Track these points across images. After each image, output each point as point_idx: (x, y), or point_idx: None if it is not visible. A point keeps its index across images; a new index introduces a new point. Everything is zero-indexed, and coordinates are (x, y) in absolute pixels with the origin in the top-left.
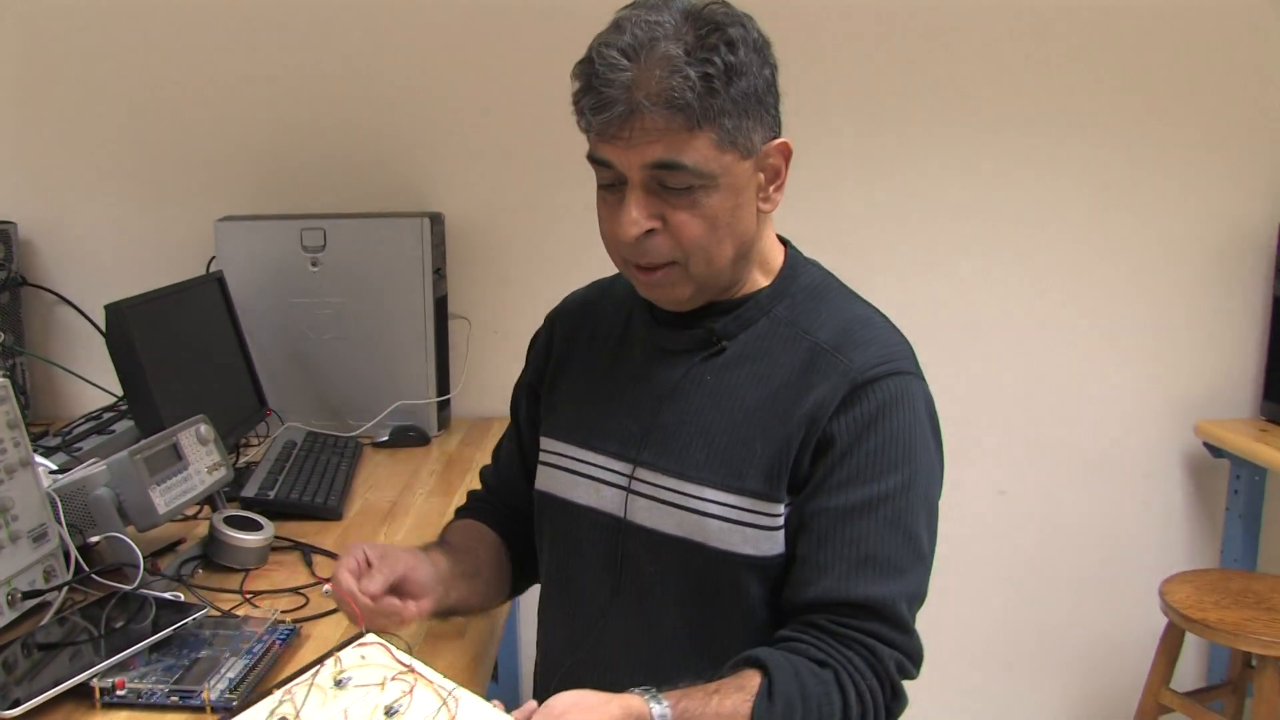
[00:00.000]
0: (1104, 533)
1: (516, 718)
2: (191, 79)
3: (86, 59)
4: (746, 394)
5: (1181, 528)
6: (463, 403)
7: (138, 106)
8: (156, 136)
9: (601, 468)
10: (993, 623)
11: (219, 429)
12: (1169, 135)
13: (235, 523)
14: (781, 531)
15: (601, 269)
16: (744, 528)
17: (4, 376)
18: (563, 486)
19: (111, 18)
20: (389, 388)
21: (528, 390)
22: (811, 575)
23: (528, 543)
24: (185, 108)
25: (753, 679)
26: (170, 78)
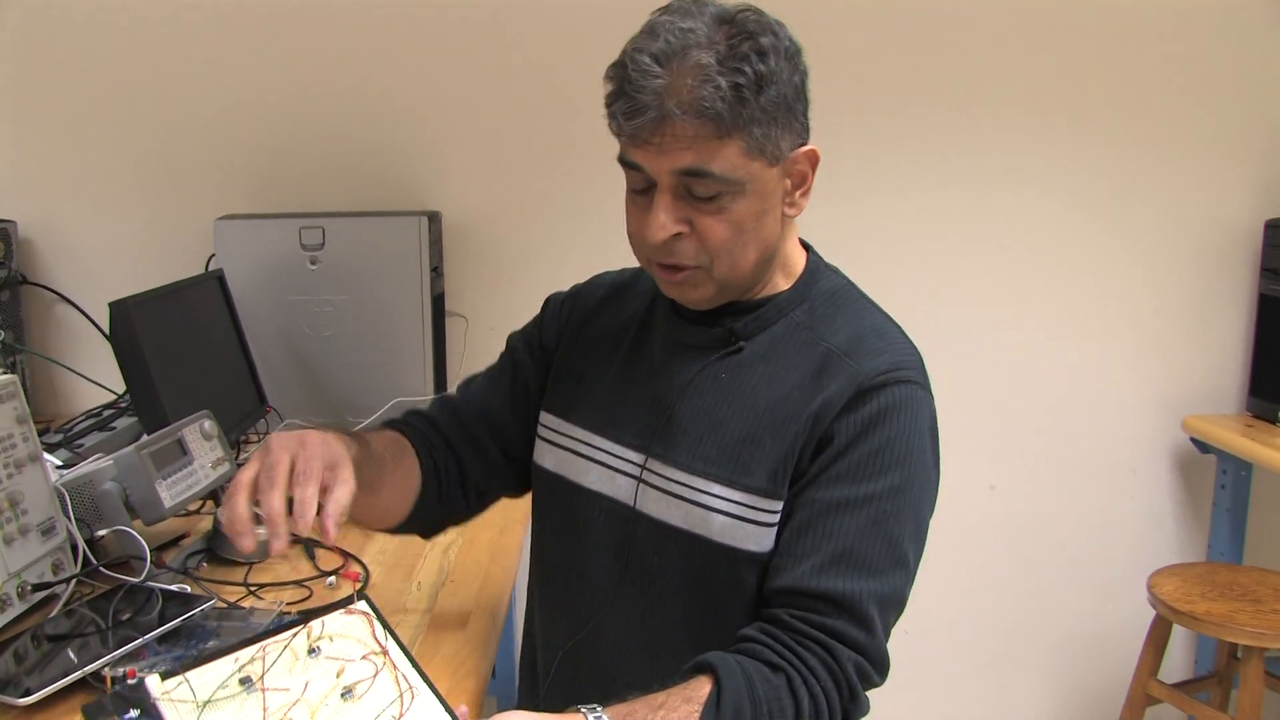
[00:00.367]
0: (1093, 527)
1: None
2: (191, 79)
3: (86, 59)
4: (760, 393)
5: (1169, 522)
6: None
7: (137, 106)
8: (156, 136)
9: (616, 456)
10: (983, 616)
11: (220, 425)
12: (1156, 137)
13: None
14: (777, 527)
15: (596, 265)
16: (746, 524)
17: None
18: (576, 471)
19: (112, 19)
20: (387, 384)
21: (538, 350)
22: (786, 563)
23: (452, 483)
24: (185, 107)
25: (702, 687)
26: (170, 78)
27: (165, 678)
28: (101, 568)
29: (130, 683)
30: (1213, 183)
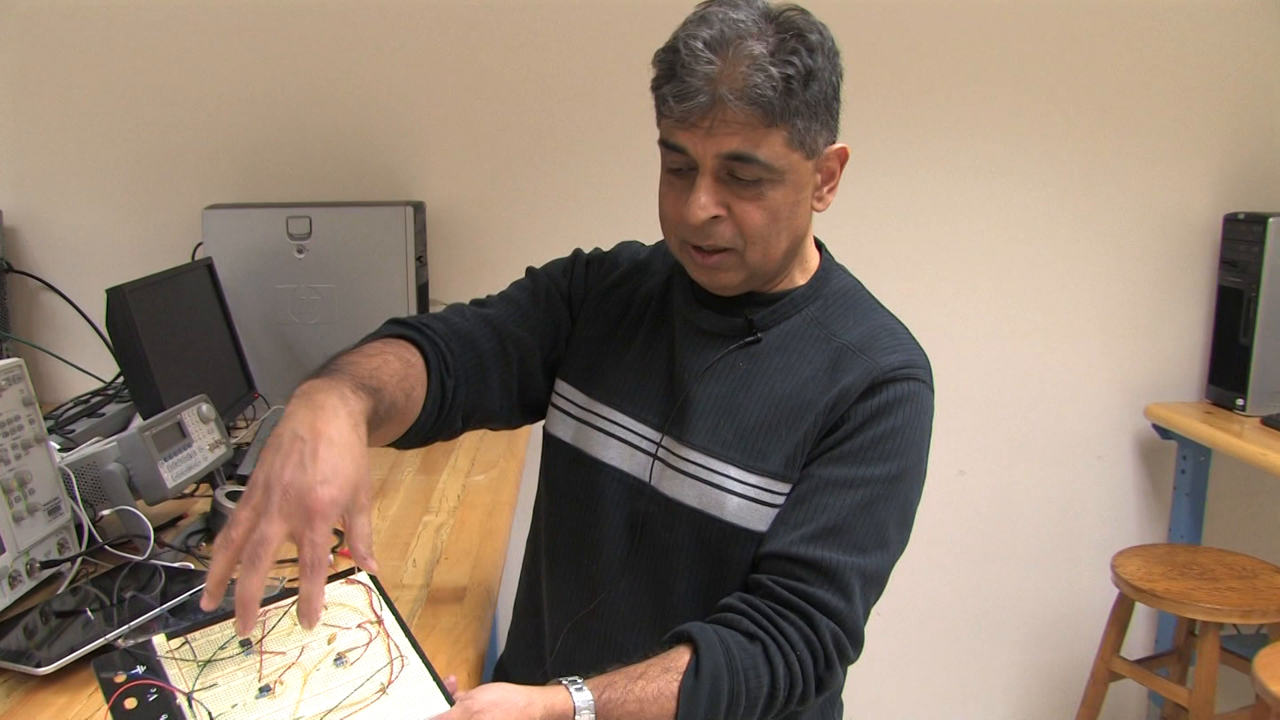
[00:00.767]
0: (1059, 510)
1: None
2: (178, 70)
3: (73, 51)
4: (776, 384)
5: (1132, 505)
6: None
7: (123, 97)
8: (142, 126)
9: (634, 432)
10: (953, 596)
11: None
12: (1122, 134)
13: (236, 497)
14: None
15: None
16: (760, 506)
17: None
18: (596, 445)
19: (99, 10)
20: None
21: (564, 298)
22: (778, 530)
23: (453, 413)
24: (172, 98)
25: (681, 657)
26: (157, 68)
27: (170, 638)
28: (107, 546)
29: (139, 640)
30: (1175, 178)
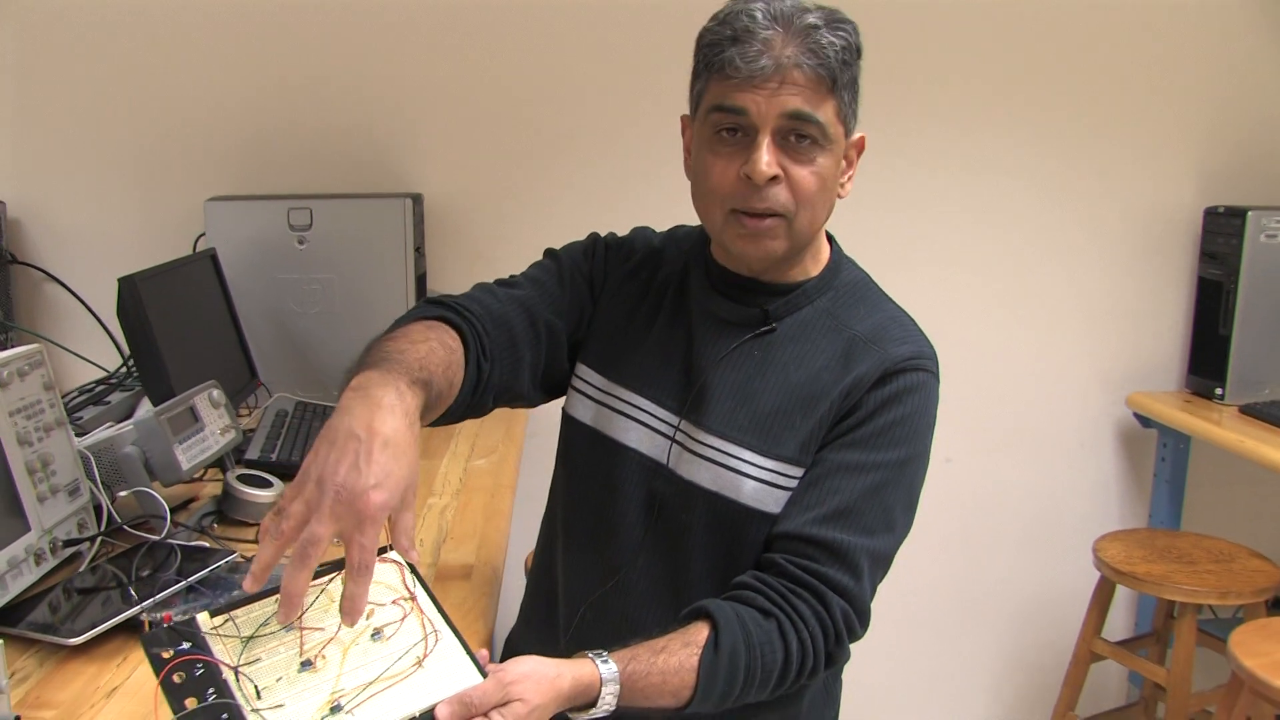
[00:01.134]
0: (1043, 497)
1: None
2: (181, 63)
3: (76, 44)
4: (790, 372)
5: (1113, 492)
6: None
7: (127, 90)
8: (144, 119)
9: (653, 415)
10: (940, 580)
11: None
12: (1101, 130)
13: (246, 480)
14: None
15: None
16: (774, 489)
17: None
18: (617, 428)
19: (103, 4)
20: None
21: (589, 277)
22: (791, 511)
23: (484, 394)
24: (174, 91)
25: (700, 632)
26: (160, 62)
27: (214, 615)
28: (125, 526)
29: (183, 618)
30: (1156, 173)
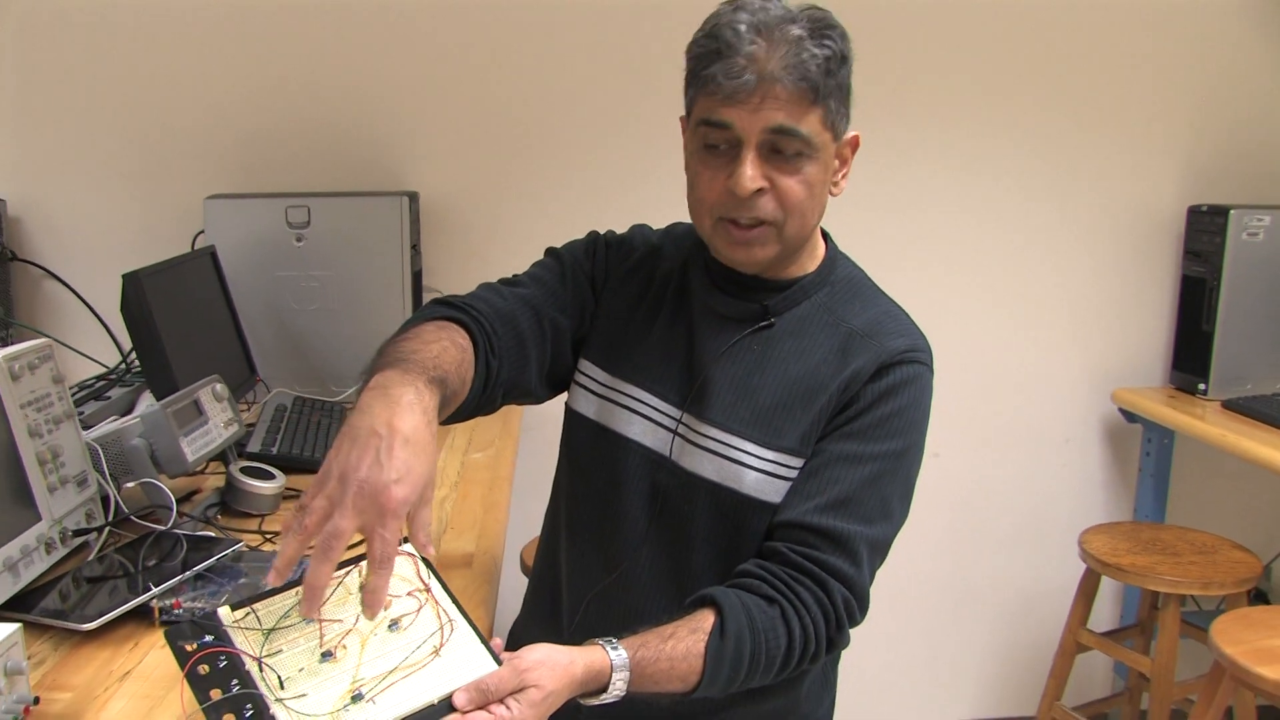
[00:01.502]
0: (1030, 491)
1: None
2: (180, 62)
3: (76, 42)
4: (789, 366)
5: (1099, 485)
6: None
7: (126, 89)
8: (145, 117)
9: (656, 409)
10: (929, 572)
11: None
12: (1087, 130)
13: (249, 473)
14: None
15: (563, 241)
16: (775, 479)
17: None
18: (620, 422)
19: (102, 3)
20: (369, 356)
21: (586, 278)
22: (792, 501)
23: (494, 391)
24: (173, 89)
25: (706, 619)
26: (159, 61)
27: (234, 609)
28: (132, 516)
29: (204, 610)
30: (1141, 172)
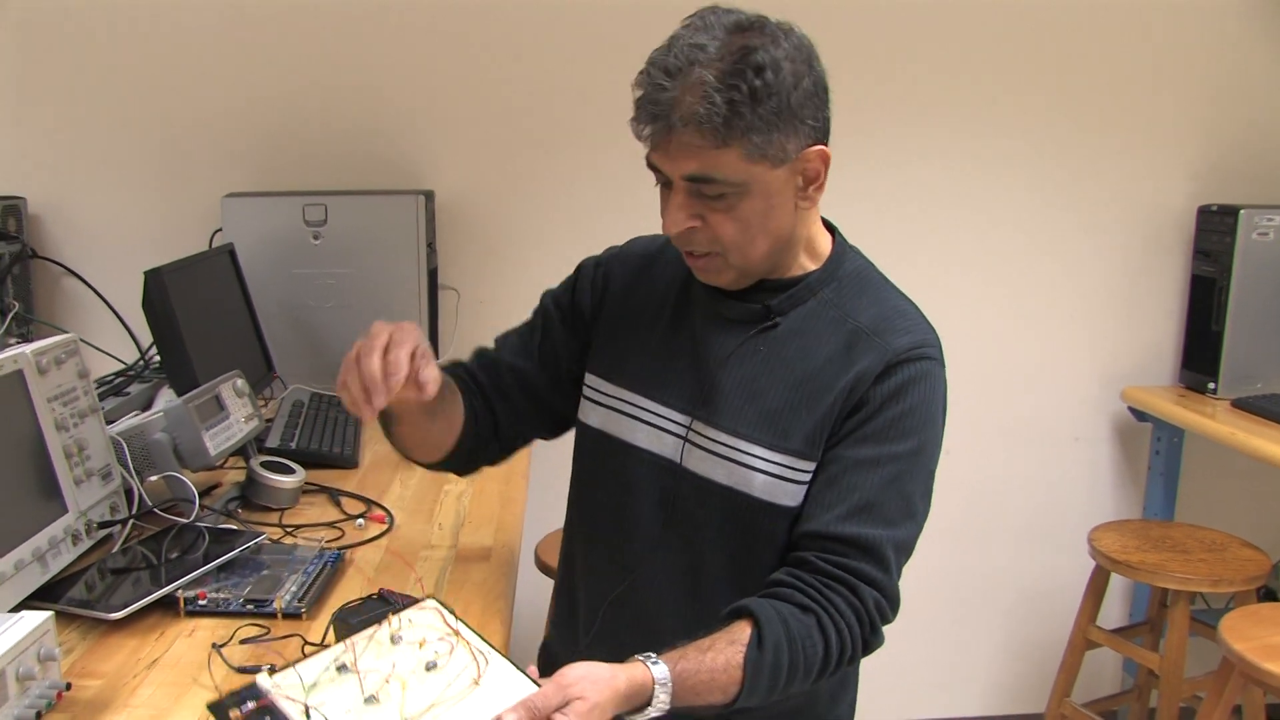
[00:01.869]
0: (1040, 489)
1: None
2: (199, 63)
3: (97, 42)
4: (795, 366)
5: (1109, 484)
6: None
7: (146, 88)
8: (163, 117)
9: (663, 417)
10: (939, 570)
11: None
12: (1097, 130)
13: (269, 467)
14: (808, 483)
15: (578, 241)
16: (785, 482)
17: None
18: (625, 430)
19: (122, 4)
20: None
21: (569, 312)
22: (814, 511)
23: (486, 428)
24: (192, 89)
25: (743, 630)
26: (178, 62)
27: (272, 674)
28: (156, 509)
29: (246, 686)
30: (1151, 172)
